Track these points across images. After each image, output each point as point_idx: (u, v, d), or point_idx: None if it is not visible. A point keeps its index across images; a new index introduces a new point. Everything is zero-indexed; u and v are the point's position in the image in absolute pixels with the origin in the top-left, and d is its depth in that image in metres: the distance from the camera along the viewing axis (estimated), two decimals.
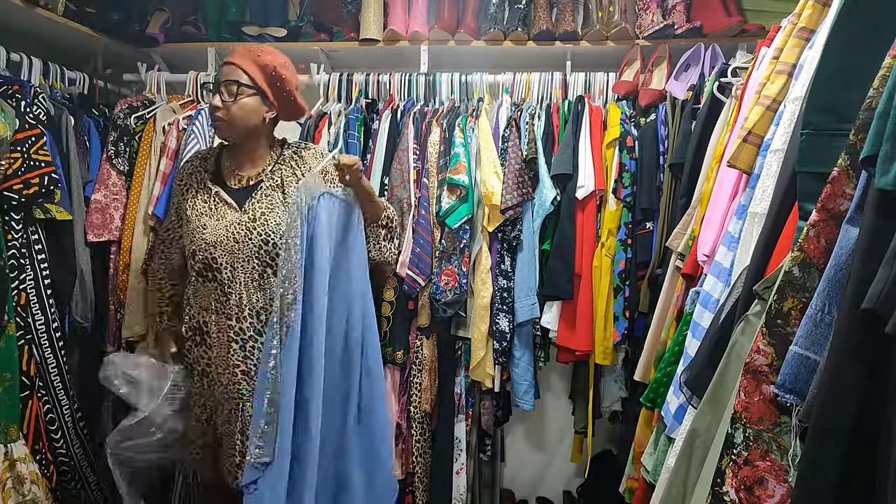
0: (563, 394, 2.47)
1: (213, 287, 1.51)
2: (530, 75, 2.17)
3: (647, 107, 2.05)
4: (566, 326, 2.04)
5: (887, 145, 0.68)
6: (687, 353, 1.31)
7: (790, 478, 0.84)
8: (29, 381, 1.64)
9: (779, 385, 0.83)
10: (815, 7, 1.17)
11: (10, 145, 1.58)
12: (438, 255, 1.97)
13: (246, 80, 1.46)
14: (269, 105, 1.51)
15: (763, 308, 0.95)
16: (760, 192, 1.17)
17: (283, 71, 1.49)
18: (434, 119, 2.07)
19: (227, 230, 1.48)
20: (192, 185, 1.56)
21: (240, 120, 1.47)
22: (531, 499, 2.53)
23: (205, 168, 1.58)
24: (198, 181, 1.56)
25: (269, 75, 1.48)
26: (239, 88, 1.45)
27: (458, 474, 2.05)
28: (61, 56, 2.07)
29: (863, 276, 0.71)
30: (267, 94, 1.49)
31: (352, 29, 2.24)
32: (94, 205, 1.96)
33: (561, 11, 2.16)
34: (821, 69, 0.97)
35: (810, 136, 0.97)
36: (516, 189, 1.94)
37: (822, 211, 0.84)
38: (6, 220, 1.59)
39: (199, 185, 1.55)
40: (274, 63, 1.48)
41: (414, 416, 2.02)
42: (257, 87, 1.47)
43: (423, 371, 2.01)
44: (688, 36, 2.06)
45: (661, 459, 1.35)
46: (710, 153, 1.62)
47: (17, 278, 1.61)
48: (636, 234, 1.96)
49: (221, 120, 1.47)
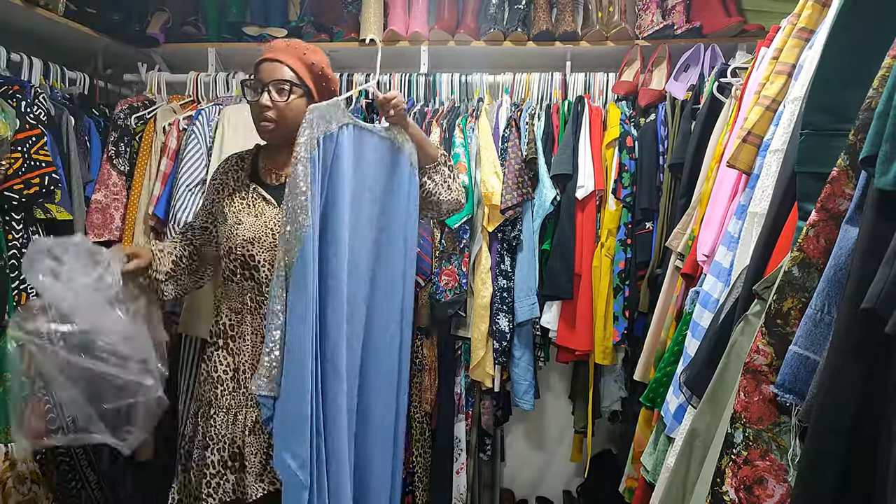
0: (563, 394, 2.47)
1: (249, 286, 1.45)
2: (530, 75, 2.17)
3: (646, 107, 2.05)
4: (566, 326, 2.04)
5: (887, 145, 0.68)
6: (687, 353, 1.31)
7: (790, 477, 0.84)
8: None
9: (778, 385, 0.83)
10: (815, 7, 1.17)
11: (11, 145, 1.58)
12: (438, 255, 1.97)
13: (296, 80, 1.39)
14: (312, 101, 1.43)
15: (763, 308, 0.95)
16: (760, 192, 1.17)
17: (328, 70, 1.46)
18: (434, 119, 2.07)
19: (265, 226, 1.43)
20: (229, 184, 1.51)
21: (290, 121, 1.38)
22: (531, 498, 2.53)
23: (241, 167, 1.53)
24: (235, 179, 1.51)
25: (317, 75, 1.44)
26: (292, 88, 1.38)
27: (458, 474, 2.05)
28: (61, 56, 2.07)
29: (862, 275, 0.71)
30: (313, 93, 1.44)
31: (352, 29, 2.24)
32: (94, 205, 1.96)
33: (561, 12, 2.16)
34: (820, 69, 0.97)
35: (810, 136, 0.97)
36: (516, 189, 1.94)
37: (821, 211, 0.84)
38: (7, 220, 1.59)
39: (237, 183, 1.50)
40: (321, 63, 1.44)
41: (414, 416, 2.02)
42: (305, 87, 1.41)
43: (423, 371, 2.01)
44: (687, 36, 2.06)
45: (661, 459, 1.35)
46: (710, 153, 1.62)
47: (18, 278, 1.61)
48: (636, 234, 1.96)
49: (272, 121, 1.38)
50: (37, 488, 1.57)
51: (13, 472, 1.54)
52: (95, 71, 2.23)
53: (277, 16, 2.33)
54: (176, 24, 2.28)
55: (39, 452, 1.67)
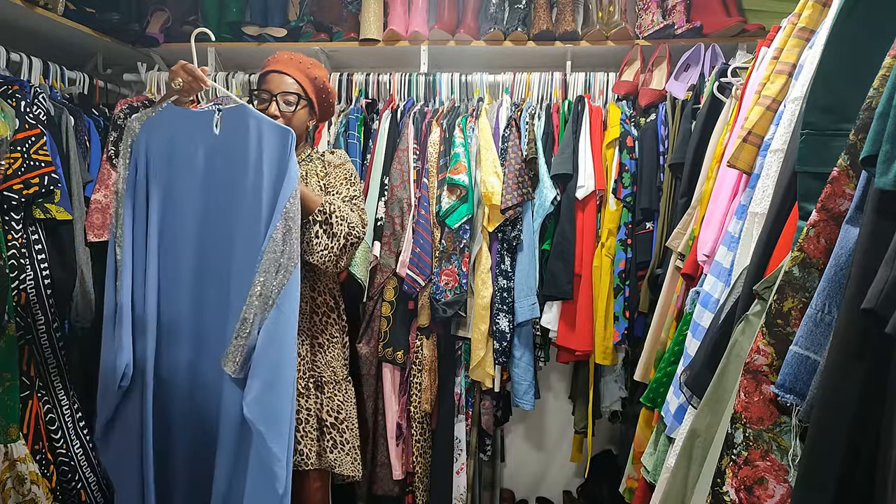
0: (563, 394, 2.47)
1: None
2: (530, 75, 2.17)
3: (647, 107, 2.05)
4: (566, 326, 2.04)
5: (887, 145, 0.68)
6: (687, 353, 1.31)
7: (790, 478, 0.84)
8: (29, 381, 1.64)
9: (779, 385, 0.83)
10: (815, 7, 1.17)
11: (10, 145, 1.57)
12: (438, 255, 1.97)
13: (301, 92, 1.57)
14: (313, 114, 1.64)
15: (763, 308, 0.95)
16: (760, 192, 1.17)
17: (328, 84, 1.65)
18: (434, 119, 2.07)
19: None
20: None
21: (296, 130, 1.51)
22: (531, 499, 2.53)
23: None
24: None
25: (318, 88, 1.62)
26: (298, 100, 1.56)
27: (458, 474, 2.05)
28: (61, 56, 2.07)
29: (863, 276, 0.71)
30: (315, 105, 1.62)
31: (352, 29, 2.24)
32: (94, 205, 1.95)
33: (561, 11, 2.16)
34: (821, 69, 0.97)
35: (810, 136, 0.97)
36: (516, 189, 1.94)
37: (822, 211, 0.84)
38: (6, 220, 1.59)
39: None
40: (323, 77, 1.63)
41: (414, 416, 2.02)
42: (309, 99, 1.59)
43: (423, 371, 2.01)
44: (688, 36, 2.06)
45: (661, 459, 1.35)
46: (710, 153, 1.62)
47: (17, 278, 1.61)
48: (636, 234, 1.96)
49: None
50: (36, 489, 1.57)
51: (13, 473, 1.54)
52: (95, 71, 2.22)
53: (277, 15, 2.33)
54: (175, 24, 2.28)
55: (39, 452, 1.67)
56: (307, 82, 1.59)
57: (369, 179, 2.07)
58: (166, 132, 1.42)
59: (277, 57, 1.61)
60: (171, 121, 1.42)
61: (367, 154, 2.10)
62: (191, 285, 1.41)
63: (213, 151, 1.41)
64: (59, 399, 1.74)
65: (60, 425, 1.74)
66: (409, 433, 2.04)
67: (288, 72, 1.56)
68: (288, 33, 2.25)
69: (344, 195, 1.62)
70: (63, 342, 1.74)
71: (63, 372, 1.74)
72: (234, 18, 2.30)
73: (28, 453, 1.59)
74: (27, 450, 1.59)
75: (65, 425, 1.75)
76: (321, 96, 1.64)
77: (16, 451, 1.55)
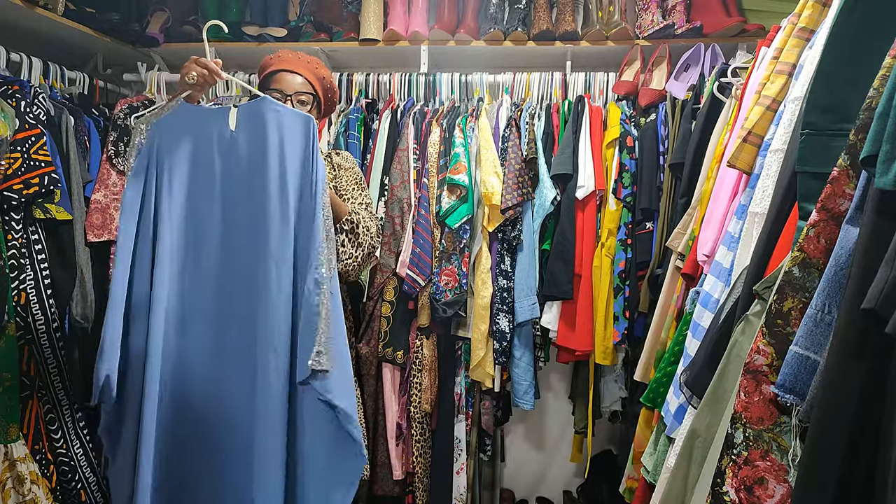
0: (563, 394, 2.47)
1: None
2: (530, 75, 2.17)
3: (647, 107, 2.05)
4: (566, 326, 2.04)
5: (887, 145, 0.68)
6: (687, 353, 1.31)
7: (790, 478, 0.84)
8: (29, 381, 1.64)
9: (779, 385, 0.83)
10: (815, 7, 1.17)
11: (10, 145, 1.57)
12: (438, 255, 1.97)
13: (312, 91, 1.57)
14: (319, 113, 1.64)
15: (763, 308, 0.95)
16: (760, 192, 1.17)
17: (333, 83, 1.66)
18: (434, 119, 2.07)
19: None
20: None
21: None
22: (531, 499, 2.53)
23: None
24: None
25: (326, 87, 1.63)
26: (312, 100, 1.57)
27: (458, 474, 2.05)
28: (61, 56, 2.07)
29: (863, 275, 0.71)
30: (322, 104, 1.63)
31: (352, 29, 2.24)
32: (94, 205, 1.95)
33: (561, 11, 2.16)
34: (821, 69, 0.97)
35: (810, 136, 0.97)
36: (516, 189, 1.94)
37: (822, 211, 0.84)
38: (6, 220, 1.59)
39: None
40: (329, 77, 1.63)
41: (414, 416, 2.02)
42: (318, 99, 1.60)
43: (423, 371, 2.01)
44: (688, 36, 2.06)
45: (661, 459, 1.35)
46: (710, 153, 1.62)
47: (17, 278, 1.61)
48: (636, 234, 1.96)
49: None
50: (36, 489, 1.57)
51: (13, 473, 1.54)
52: (95, 71, 2.22)
53: (277, 15, 2.33)
54: (175, 24, 2.28)
55: (39, 452, 1.67)
56: (316, 82, 1.58)
57: (369, 179, 2.07)
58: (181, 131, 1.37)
59: (282, 55, 1.58)
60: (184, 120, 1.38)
61: (367, 154, 2.10)
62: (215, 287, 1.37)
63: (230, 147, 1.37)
64: (59, 399, 1.74)
65: (60, 425, 1.74)
66: (409, 433, 2.04)
67: (298, 71, 1.54)
68: (288, 33, 2.25)
69: (359, 201, 1.62)
70: (63, 342, 1.74)
71: (63, 372, 1.74)
72: (234, 18, 2.31)
73: (28, 453, 1.59)
74: (27, 450, 1.59)
75: (65, 425, 1.75)
76: (328, 96, 1.64)
77: (16, 451, 1.55)
